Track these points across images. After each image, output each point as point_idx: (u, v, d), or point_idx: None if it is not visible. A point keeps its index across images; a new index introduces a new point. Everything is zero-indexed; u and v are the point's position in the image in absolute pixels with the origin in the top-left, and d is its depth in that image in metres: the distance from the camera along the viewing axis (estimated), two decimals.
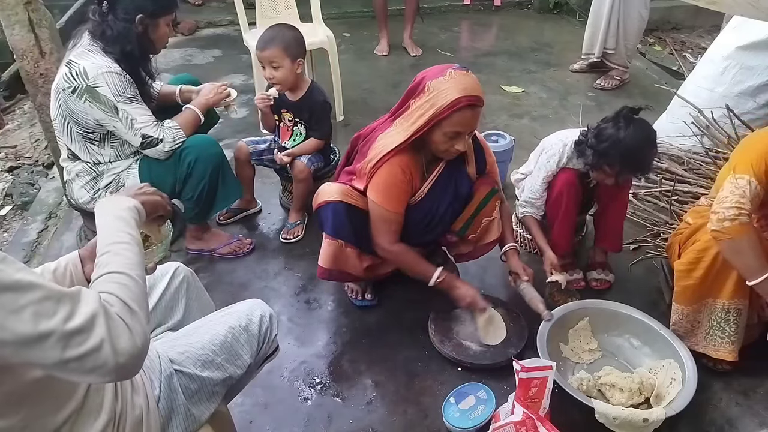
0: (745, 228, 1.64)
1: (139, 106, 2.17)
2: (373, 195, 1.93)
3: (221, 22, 5.35)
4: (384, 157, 1.89)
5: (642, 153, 2.02)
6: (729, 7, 2.55)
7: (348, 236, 2.01)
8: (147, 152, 2.24)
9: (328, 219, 2.00)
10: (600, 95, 4.13)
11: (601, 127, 2.07)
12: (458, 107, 1.77)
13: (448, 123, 1.80)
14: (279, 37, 2.44)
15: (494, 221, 2.13)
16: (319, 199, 2.04)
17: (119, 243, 1.06)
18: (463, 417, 1.78)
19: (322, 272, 2.10)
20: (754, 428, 1.83)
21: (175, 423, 1.26)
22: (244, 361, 1.38)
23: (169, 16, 2.17)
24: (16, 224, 3.00)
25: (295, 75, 2.49)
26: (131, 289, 0.99)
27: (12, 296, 0.84)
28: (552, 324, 1.98)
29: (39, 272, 1.24)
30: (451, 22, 5.57)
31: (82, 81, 2.05)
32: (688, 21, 5.65)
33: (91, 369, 0.88)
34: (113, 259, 1.03)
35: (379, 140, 1.93)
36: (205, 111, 2.38)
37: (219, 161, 2.34)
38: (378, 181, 1.92)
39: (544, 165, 2.23)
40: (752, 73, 2.91)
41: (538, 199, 2.27)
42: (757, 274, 1.68)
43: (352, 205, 1.98)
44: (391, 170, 1.90)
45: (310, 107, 2.57)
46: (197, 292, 1.57)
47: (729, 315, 1.84)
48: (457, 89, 1.77)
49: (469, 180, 2.05)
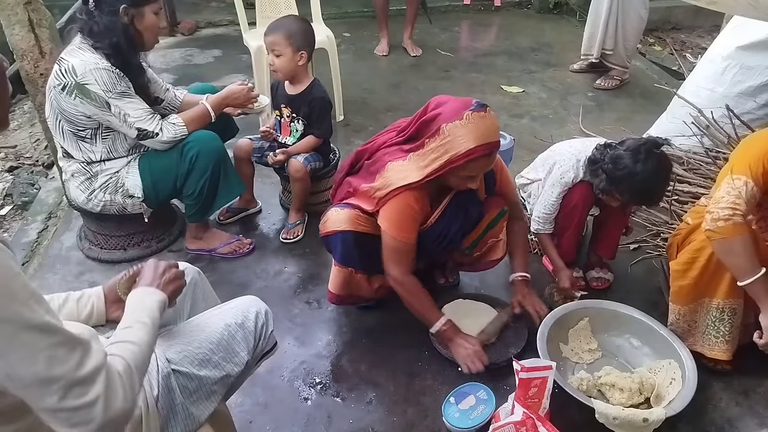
0: (738, 228, 1.65)
1: (131, 101, 2.16)
2: (386, 226, 1.87)
3: (221, 22, 5.35)
4: (395, 190, 1.83)
5: (655, 188, 2.00)
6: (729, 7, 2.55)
7: (357, 264, 2.01)
8: (145, 143, 2.25)
9: (337, 248, 1.99)
10: (600, 95, 4.13)
11: (619, 154, 2.00)
12: (474, 157, 1.73)
13: (465, 170, 1.77)
14: (286, 25, 2.45)
15: (499, 243, 2.12)
16: (327, 227, 1.99)
17: (139, 322, 1.13)
18: (463, 417, 1.78)
19: (332, 298, 2.11)
20: (754, 428, 1.83)
21: (174, 423, 1.26)
22: (241, 359, 1.38)
23: (153, 4, 2.15)
24: (16, 224, 3.00)
25: (296, 66, 2.48)
26: (137, 355, 1.04)
27: (37, 337, 0.87)
28: (552, 324, 1.98)
29: (63, 297, 1.30)
30: (451, 22, 5.57)
31: (71, 78, 2.06)
32: (688, 21, 5.65)
33: (77, 423, 0.90)
34: (128, 333, 1.10)
35: (390, 170, 1.85)
36: (219, 110, 2.37)
37: (221, 156, 2.34)
38: (390, 211, 1.86)
39: (558, 182, 2.19)
40: (752, 73, 2.91)
41: (552, 215, 2.23)
42: (747, 275, 1.68)
43: (361, 233, 1.95)
44: (405, 201, 1.84)
45: (309, 102, 2.56)
46: (204, 292, 1.57)
47: (723, 314, 1.84)
48: (473, 137, 1.72)
49: (479, 202, 2.02)
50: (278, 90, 2.63)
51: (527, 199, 2.43)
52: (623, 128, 3.55)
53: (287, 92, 2.58)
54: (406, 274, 1.93)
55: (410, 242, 1.91)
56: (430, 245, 1.99)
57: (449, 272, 2.37)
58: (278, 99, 2.62)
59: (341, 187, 2.06)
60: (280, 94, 2.61)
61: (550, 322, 1.99)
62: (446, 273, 2.37)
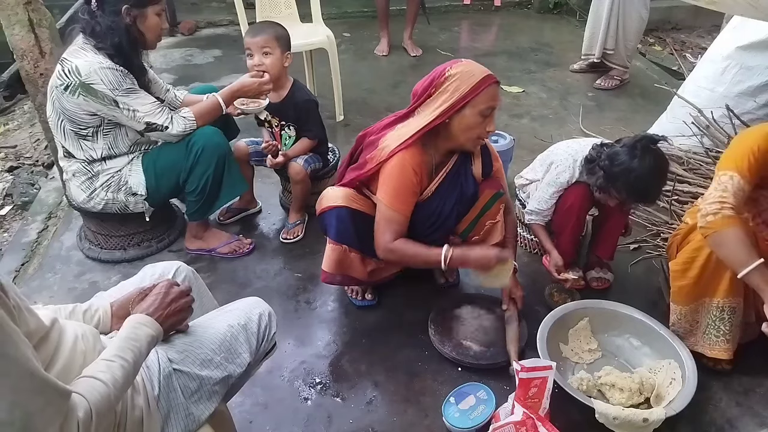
0: (727, 221, 1.64)
1: (138, 96, 2.17)
2: (383, 195, 1.90)
3: (221, 22, 5.35)
4: (406, 141, 1.85)
5: (652, 185, 2.00)
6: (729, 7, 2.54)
7: (352, 241, 2.01)
8: (153, 136, 2.26)
9: (332, 224, 1.99)
10: (600, 95, 4.13)
11: (615, 151, 2.01)
12: (489, 83, 1.81)
13: (482, 99, 1.81)
14: (271, 27, 2.46)
15: (497, 224, 2.10)
16: (323, 204, 2.02)
17: (122, 358, 1.10)
18: (463, 417, 1.78)
19: (326, 277, 2.10)
20: (754, 428, 1.83)
21: (175, 423, 1.26)
22: (243, 360, 1.38)
23: (156, 5, 2.15)
24: (16, 224, 3.00)
25: (282, 68, 2.48)
26: (103, 400, 1.01)
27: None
28: (552, 324, 1.98)
29: (70, 309, 1.31)
30: (451, 22, 5.58)
31: (75, 78, 2.06)
32: (688, 21, 5.65)
33: None
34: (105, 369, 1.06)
35: (398, 129, 1.91)
36: (230, 101, 2.36)
37: (225, 151, 2.34)
38: (389, 179, 1.88)
39: (554, 181, 2.20)
40: (752, 73, 2.91)
41: (545, 210, 2.25)
42: (744, 265, 1.65)
43: (356, 210, 1.97)
44: (403, 171, 1.87)
45: (295, 106, 2.55)
46: (199, 291, 1.57)
47: (723, 313, 1.84)
48: (480, 70, 1.84)
49: (475, 181, 2.04)
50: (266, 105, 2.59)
51: (526, 200, 2.43)
52: (623, 128, 3.55)
53: (271, 101, 2.54)
54: (394, 240, 1.91)
55: (405, 214, 1.93)
56: (424, 224, 1.99)
57: (449, 272, 2.37)
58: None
59: (346, 175, 2.06)
60: None
61: (550, 322, 1.99)
62: (446, 273, 2.37)
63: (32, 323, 1.03)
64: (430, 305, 2.21)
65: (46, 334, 1.07)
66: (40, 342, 1.05)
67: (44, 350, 1.06)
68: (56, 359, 1.07)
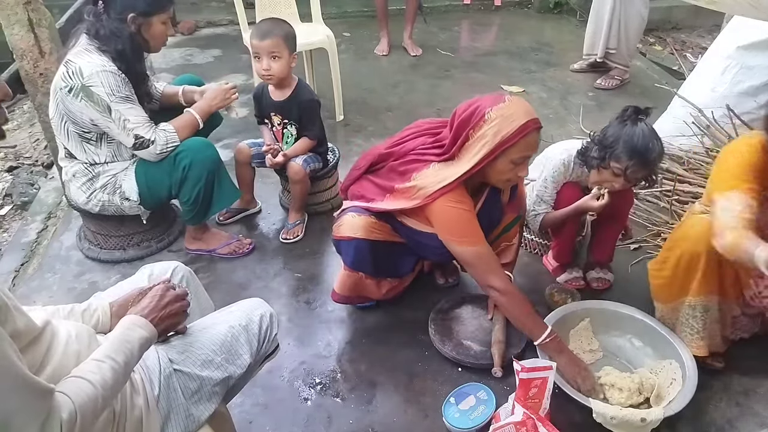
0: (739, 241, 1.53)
1: (132, 106, 2.16)
2: (455, 238, 1.84)
3: (221, 21, 5.34)
4: (447, 186, 1.79)
5: (649, 144, 1.99)
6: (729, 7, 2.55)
7: (369, 270, 2.03)
8: (139, 153, 2.24)
9: (350, 254, 2.00)
10: (600, 95, 4.13)
11: (605, 127, 2.08)
12: (528, 131, 1.73)
13: (518, 149, 1.74)
14: (279, 28, 2.42)
15: (512, 246, 2.13)
16: (341, 232, 1.99)
17: (112, 359, 1.08)
18: (463, 417, 1.78)
19: (338, 298, 2.13)
20: (754, 428, 1.83)
21: (174, 423, 1.26)
22: (244, 361, 1.38)
23: (163, 14, 2.15)
24: (16, 224, 3.00)
25: (289, 68, 2.47)
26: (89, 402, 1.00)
27: None
28: (552, 324, 1.98)
29: (68, 309, 1.31)
30: (451, 21, 5.57)
31: (78, 80, 2.06)
32: (688, 21, 5.64)
33: None
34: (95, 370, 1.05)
35: (436, 169, 1.82)
36: (206, 117, 2.36)
37: (214, 165, 2.32)
38: (447, 224, 1.83)
39: (551, 176, 2.22)
40: (752, 73, 2.91)
41: (547, 193, 2.24)
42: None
43: (375, 241, 1.96)
44: (457, 209, 1.81)
45: (299, 105, 2.54)
46: (196, 292, 1.57)
47: (696, 311, 1.85)
48: (522, 113, 1.74)
49: (502, 208, 2.04)
50: (264, 99, 2.58)
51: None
52: None
53: (274, 99, 2.54)
54: (509, 283, 1.91)
55: (484, 243, 1.87)
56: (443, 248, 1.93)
57: (449, 273, 2.37)
58: (266, 108, 2.59)
59: (358, 182, 2.03)
60: (267, 103, 2.57)
61: (550, 322, 1.98)
62: (446, 273, 2.37)
63: (21, 323, 1.02)
64: (430, 305, 2.20)
65: (37, 335, 1.07)
66: (31, 344, 1.04)
67: (36, 352, 1.05)
68: (47, 361, 1.07)
